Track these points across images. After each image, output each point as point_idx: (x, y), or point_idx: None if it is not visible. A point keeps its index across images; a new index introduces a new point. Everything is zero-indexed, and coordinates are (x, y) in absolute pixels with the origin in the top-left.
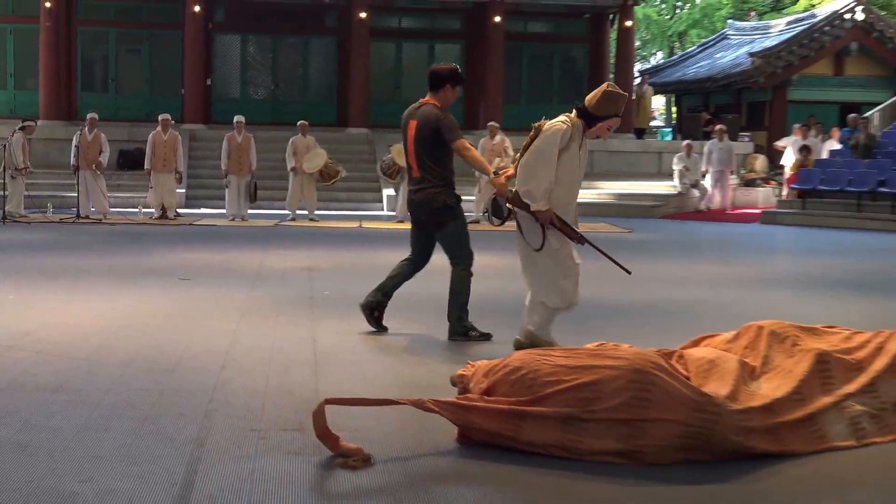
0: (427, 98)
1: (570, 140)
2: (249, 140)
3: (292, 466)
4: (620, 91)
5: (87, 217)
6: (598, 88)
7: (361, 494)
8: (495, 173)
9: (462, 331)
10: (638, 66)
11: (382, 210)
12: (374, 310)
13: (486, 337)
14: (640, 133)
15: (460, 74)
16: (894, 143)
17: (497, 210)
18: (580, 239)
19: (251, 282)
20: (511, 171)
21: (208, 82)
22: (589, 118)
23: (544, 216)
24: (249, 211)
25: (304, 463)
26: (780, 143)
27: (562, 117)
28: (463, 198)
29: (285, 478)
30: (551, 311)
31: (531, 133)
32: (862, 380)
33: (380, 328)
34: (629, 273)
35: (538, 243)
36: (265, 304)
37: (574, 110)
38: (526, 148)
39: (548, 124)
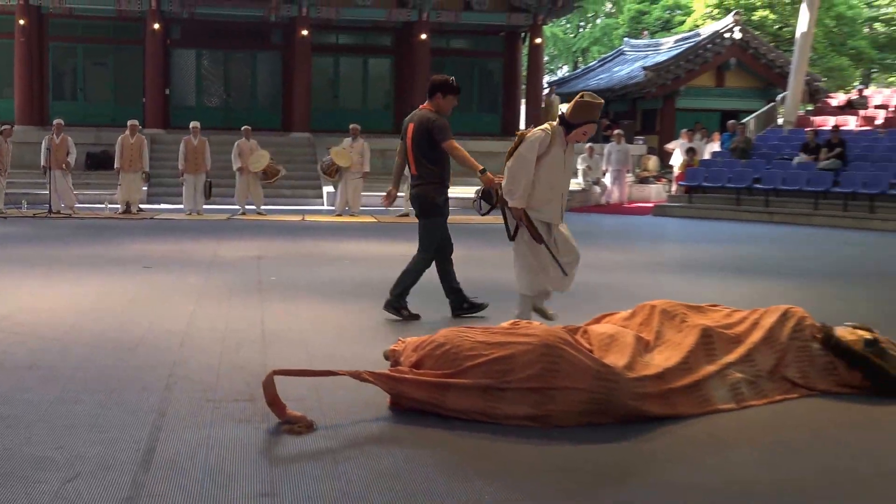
0: (424, 105)
1: (551, 145)
2: (204, 143)
3: (244, 433)
4: (594, 100)
5: (58, 212)
6: (575, 98)
7: (305, 457)
8: (483, 171)
9: (396, 306)
10: (546, 79)
11: (323, 205)
12: (456, 309)
13: (415, 317)
14: None
15: (450, 84)
16: (767, 145)
17: (487, 198)
18: (538, 239)
19: (206, 269)
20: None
21: (167, 92)
22: (567, 125)
23: (517, 213)
24: (204, 206)
25: (254, 429)
26: (669, 146)
27: (545, 125)
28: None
29: (237, 443)
30: (526, 300)
31: (516, 140)
32: (741, 351)
33: (474, 308)
34: (565, 274)
35: (510, 235)
36: (219, 288)
37: (557, 118)
38: (511, 153)
39: (530, 132)
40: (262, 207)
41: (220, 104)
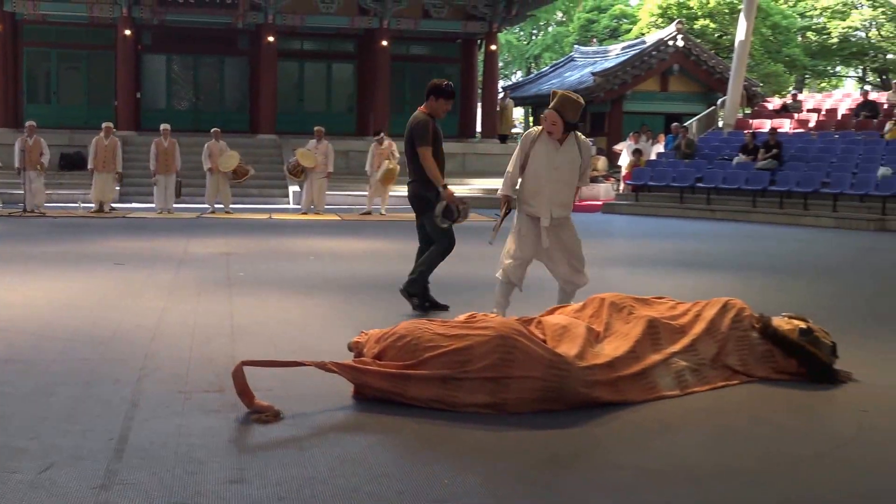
0: (422, 106)
1: (533, 142)
2: (174, 145)
3: (213, 422)
4: (579, 100)
5: (33, 212)
6: (565, 96)
7: (273, 445)
8: (444, 187)
9: (412, 292)
10: (501, 83)
11: (289, 204)
12: (413, 296)
13: (443, 307)
14: (504, 138)
15: (442, 88)
16: (709, 146)
17: (448, 214)
18: (492, 233)
19: (177, 265)
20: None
21: (138, 95)
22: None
23: (501, 200)
24: (175, 205)
25: (223, 419)
26: (617, 147)
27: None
28: (356, 194)
29: (207, 432)
30: (499, 283)
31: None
32: (685, 341)
33: (437, 307)
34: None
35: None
36: (189, 284)
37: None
38: None
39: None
40: (231, 206)
41: (190, 107)
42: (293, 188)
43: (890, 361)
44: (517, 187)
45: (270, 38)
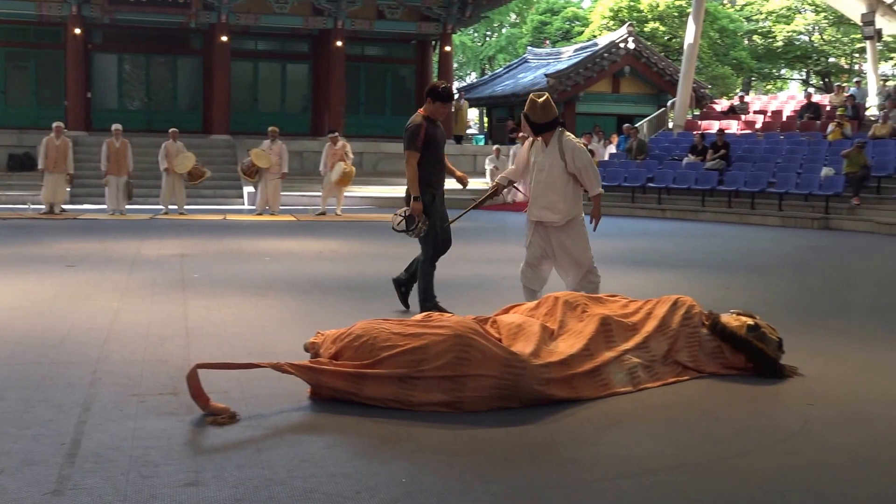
0: (422, 108)
1: (531, 147)
2: (126, 145)
3: (168, 425)
4: (531, 97)
5: None
6: (537, 100)
7: (229, 447)
8: (416, 199)
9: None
10: (455, 84)
11: (243, 205)
12: (402, 285)
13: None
14: (459, 139)
15: (437, 91)
16: (660, 147)
17: (410, 221)
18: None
19: (129, 267)
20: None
21: (88, 95)
22: (532, 125)
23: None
24: (127, 207)
25: (178, 422)
26: None
27: None
28: (311, 194)
29: (162, 435)
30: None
31: None
32: (637, 338)
33: (405, 304)
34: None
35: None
36: (142, 286)
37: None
38: None
39: None
40: (185, 207)
41: (142, 107)
42: (248, 189)
43: (835, 355)
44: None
45: (224, 38)
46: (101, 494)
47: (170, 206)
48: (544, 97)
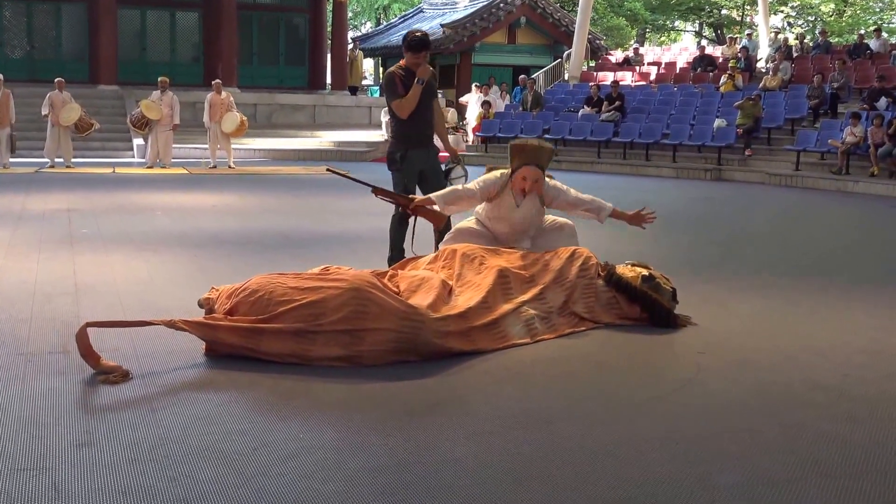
0: (402, 60)
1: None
2: (8, 96)
3: (59, 384)
4: (519, 143)
5: None
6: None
7: (122, 405)
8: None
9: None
10: (350, 34)
11: (133, 158)
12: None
13: None
14: (354, 90)
15: (407, 41)
16: (556, 99)
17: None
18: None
19: (14, 223)
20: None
21: None
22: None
23: None
24: (10, 160)
25: (69, 381)
26: (462, 99)
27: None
28: (203, 147)
29: (52, 395)
30: None
31: None
32: (534, 290)
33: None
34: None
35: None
36: (28, 242)
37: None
38: None
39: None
40: (72, 160)
41: (24, 56)
42: (137, 141)
43: (725, 305)
44: None
45: None
46: None
47: (56, 160)
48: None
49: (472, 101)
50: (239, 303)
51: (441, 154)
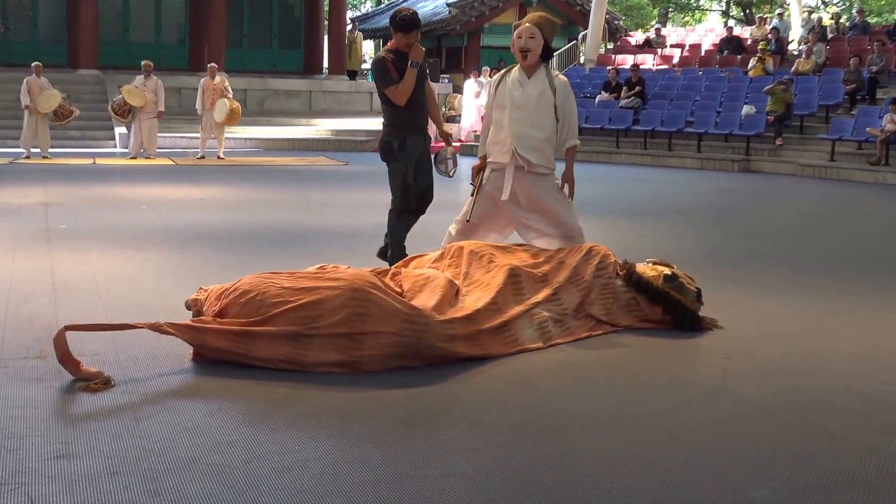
0: (390, 42)
1: (497, 85)
2: None
3: (35, 392)
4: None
5: None
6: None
7: (103, 414)
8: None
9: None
10: (349, 14)
11: (115, 148)
12: (385, 252)
13: None
14: (353, 75)
15: (398, 20)
16: (571, 84)
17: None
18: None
19: None
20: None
21: None
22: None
23: (473, 170)
24: None
25: (46, 388)
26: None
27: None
28: (190, 136)
29: (29, 403)
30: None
31: None
32: (547, 291)
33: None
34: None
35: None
36: (2, 238)
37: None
38: None
39: None
40: (49, 150)
41: None
42: (120, 130)
43: (753, 306)
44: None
45: None
46: None
47: (32, 150)
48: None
49: (469, 91)
50: (229, 304)
51: (437, 143)
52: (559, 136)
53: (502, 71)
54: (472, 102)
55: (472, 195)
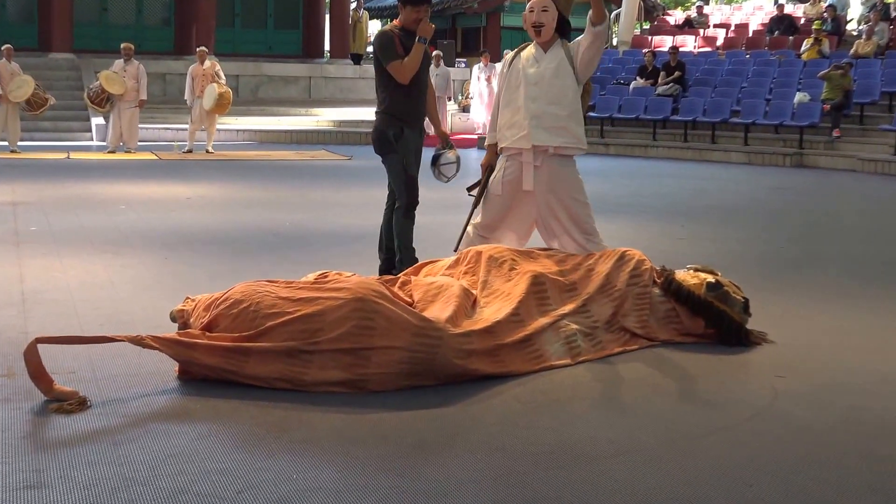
0: (396, 19)
1: (509, 64)
2: None
3: (2, 414)
4: None
5: None
6: None
7: (79, 439)
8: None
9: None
10: None
11: (92, 140)
12: (388, 272)
13: None
14: (358, 59)
15: None
16: (601, 69)
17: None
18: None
19: None
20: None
21: None
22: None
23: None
24: None
25: (14, 410)
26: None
27: None
28: (176, 126)
29: None
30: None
31: None
32: (576, 301)
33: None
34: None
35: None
36: None
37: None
38: None
39: None
40: (18, 144)
41: None
42: (97, 120)
43: (807, 319)
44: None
45: None
46: None
47: (0, 142)
48: None
49: (475, 78)
50: (219, 316)
51: (430, 137)
52: (588, 36)
53: (516, 49)
54: (479, 90)
55: (472, 194)
